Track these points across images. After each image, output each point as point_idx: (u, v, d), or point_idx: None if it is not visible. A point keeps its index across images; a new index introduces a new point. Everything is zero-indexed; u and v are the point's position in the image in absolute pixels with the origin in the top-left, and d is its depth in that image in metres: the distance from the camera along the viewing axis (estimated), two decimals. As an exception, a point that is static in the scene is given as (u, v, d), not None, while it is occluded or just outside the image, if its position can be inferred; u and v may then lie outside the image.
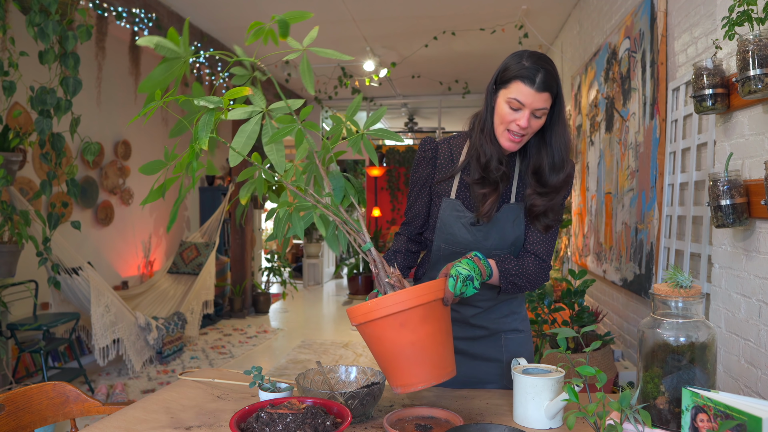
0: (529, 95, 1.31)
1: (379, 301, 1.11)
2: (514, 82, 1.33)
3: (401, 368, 1.14)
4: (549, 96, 1.33)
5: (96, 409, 1.56)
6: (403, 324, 1.11)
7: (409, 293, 1.11)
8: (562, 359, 2.72)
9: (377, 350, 1.16)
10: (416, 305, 1.11)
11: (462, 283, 1.23)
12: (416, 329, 1.12)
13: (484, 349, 1.55)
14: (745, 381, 1.78)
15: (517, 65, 1.33)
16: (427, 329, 1.13)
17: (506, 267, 1.42)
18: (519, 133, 1.36)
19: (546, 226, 1.46)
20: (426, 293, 1.13)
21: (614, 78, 3.55)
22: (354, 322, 1.16)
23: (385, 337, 1.13)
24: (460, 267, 1.26)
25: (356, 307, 1.15)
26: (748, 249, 1.76)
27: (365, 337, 1.17)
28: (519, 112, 1.34)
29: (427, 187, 1.54)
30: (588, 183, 4.32)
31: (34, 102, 3.10)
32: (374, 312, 1.11)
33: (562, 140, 1.41)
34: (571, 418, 0.95)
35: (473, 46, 5.83)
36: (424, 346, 1.13)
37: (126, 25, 4.14)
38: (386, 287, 1.17)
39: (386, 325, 1.12)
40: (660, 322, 1.10)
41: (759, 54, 1.50)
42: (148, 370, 4.56)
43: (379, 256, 1.18)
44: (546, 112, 1.35)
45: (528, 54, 1.35)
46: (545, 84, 1.31)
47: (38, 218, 3.42)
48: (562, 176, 1.42)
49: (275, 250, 8.00)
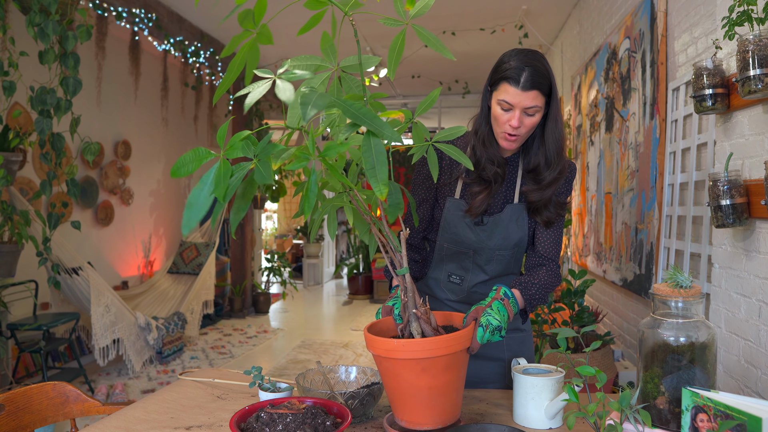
0: (516, 95, 1.31)
1: (406, 344, 1.09)
2: (501, 84, 1.34)
3: (412, 407, 1.13)
4: (538, 93, 1.32)
5: (96, 409, 1.56)
6: (425, 369, 1.10)
7: (439, 342, 1.10)
8: (562, 359, 2.72)
9: (391, 384, 1.15)
10: (443, 354, 1.10)
11: (491, 333, 1.23)
12: (437, 376, 1.11)
13: (485, 348, 1.54)
14: (745, 381, 1.77)
15: (504, 66, 1.34)
16: (448, 377, 1.12)
17: (530, 293, 1.42)
18: (513, 132, 1.36)
19: (547, 220, 1.46)
20: (455, 343, 1.12)
21: (614, 78, 3.55)
22: (372, 351, 1.14)
23: (403, 377, 1.11)
24: (491, 317, 1.25)
25: (379, 340, 1.12)
26: (748, 249, 1.76)
27: (380, 366, 1.16)
28: (510, 112, 1.34)
29: (431, 190, 1.54)
30: (588, 183, 4.32)
31: (34, 102, 3.10)
32: (398, 352, 1.09)
33: (554, 137, 1.41)
34: (571, 418, 0.95)
35: (473, 46, 5.83)
36: (440, 393, 1.12)
37: (126, 25, 4.14)
38: (411, 317, 1.15)
39: (408, 367, 1.10)
40: (660, 322, 1.10)
41: (759, 54, 1.50)
42: (148, 370, 4.56)
43: (412, 283, 1.16)
44: (539, 109, 1.35)
45: (515, 53, 1.35)
46: (531, 82, 1.30)
47: (38, 218, 3.42)
48: (554, 172, 1.42)
49: (275, 250, 8.00)
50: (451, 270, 1.53)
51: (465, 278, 1.51)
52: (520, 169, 1.49)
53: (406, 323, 1.17)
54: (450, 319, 1.28)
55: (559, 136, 1.41)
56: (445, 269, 1.54)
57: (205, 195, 0.84)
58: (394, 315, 1.27)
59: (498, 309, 1.27)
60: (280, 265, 7.37)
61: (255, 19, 0.85)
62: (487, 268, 1.50)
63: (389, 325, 1.27)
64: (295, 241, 10.58)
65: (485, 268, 1.50)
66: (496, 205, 1.48)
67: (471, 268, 1.51)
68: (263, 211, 9.02)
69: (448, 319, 1.28)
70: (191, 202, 0.83)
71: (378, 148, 0.85)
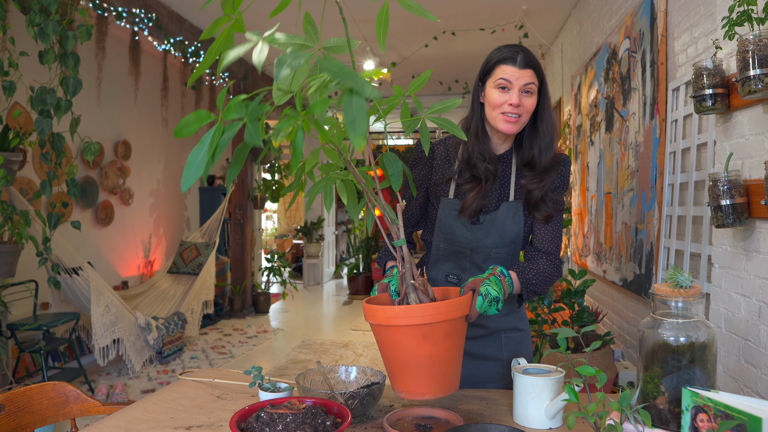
0: (515, 72, 1.37)
1: (407, 310, 1.09)
2: (497, 67, 1.40)
3: (412, 376, 1.14)
4: (533, 73, 1.39)
5: (96, 409, 1.56)
6: (426, 336, 1.10)
7: (440, 307, 1.10)
8: (562, 359, 2.72)
9: (390, 354, 1.15)
10: (443, 320, 1.10)
11: (488, 302, 1.25)
12: (438, 342, 1.11)
13: (483, 348, 1.55)
14: (745, 381, 1.77)
15: (496, 53, 1.42)
16: (448, 344, 1.13)
17: (527, 277, 1.44)
18: (513, 113, 1.39)
19: (546, 215, 1.47)
20: (455, 309, 1.12)
21: (614, 78, 3.55)
22: (372, 320, 1.14)
23: (404, 345, 1.12)
24: (490, 287, 1.26)
25: (379, 308, 1.12)
26: (748, 249, 1.76)
27: (379, 337, 1.16)
28: (508, 92, 1.39)
29: (423, 189, 1.55)
30: (588, 183, 4.32)
31: (34, 102, 3.10)
32: (399, 318, 1.09)
33: (548, 123, 1.45)
34: (571, 418, 0.95)
35: (473, 46, 5.83)
36: (441, 360, 1.13)
37: (126, 25, 4.14)
38: (409, 288, 1.16)
39: (408, 334, 1.10)
40: (660, 322, 1.10)
41: (759, 54, 1.50)
42: (148, 370, 4.56)
43: (409, 255, 1.17)
44: (535, 89, 1.40)
45: (503, 45, 1.43)
46: (526, 61, 1.38)
47: (38, 218, 3.42)
48: (550, 155, 1.45)
49: (275, 250, 7.99)
50: (449, 270, 1.53)
51: (463, 277, 1.52)
52: (513, 165, 1.50)
53: (402, 297, 1.18)
54: (446, 293, 1.29)
55: (552, 124, 1.45)
56: (442, 269, 1.54)
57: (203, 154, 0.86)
58: (390, 291, 1.28)
59: (495, 282, 1.29)
60: (280, 265, 7.37)
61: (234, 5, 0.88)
62: (485, 267, 1.50)
63: (385, 300, 1.28)
64: (295, 241, 10.58)
65: (482, 267, 1.50)
66: (492, 203, 1.49)
67: (468, 267, 1.51)
68: (263, 211, 9.02)
69: (444, 293, 1.29)
70: (190, 161, 0.85)
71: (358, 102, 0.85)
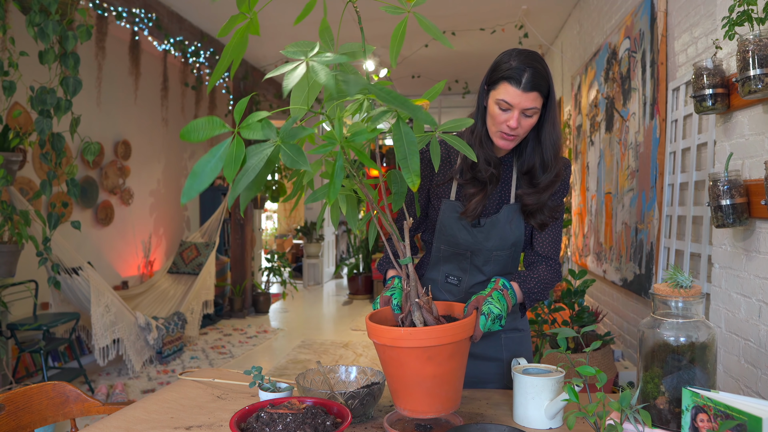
0: (516, 96, 1.31)
1: (413, 332, 1.10)
2: (501, 84, 1.33)
3: (415, 395, 1.14)
4: (537, 95, 1.32)
5: (96, 409, 1.56)
6: (431, 357, 1.11)
7: (446, 330, 1.11)
8: (562, 359, 2.72)
9: (394, 372, 1.15)
10: (448, 342, 1.11)
11: (492, 321, 1.26)
12: (442, 364, 1.12)
13: (483, 348, 1.55)
14: (745, 381, 1.77)
15: (504, 65, 1.33)
16: (452, 365, 1.14)
17: (529, 287, 1.45)
18: (510, 133, 1.36)
19: (541, 223, 1.46)
20: (460, 331, 1.13)
21: (614, 78, 3.55)
22: (377, 340, 1.15)
23: (408, 365, 1.12)
24: (492, 305, 1.27)
25: (384, 329, 1.12)
26: (748, 249, 1.76)
27: (383, 356, 1.16)
28: (508, 112, 1.34)
29: (423, 191, 1.54)
30: (588, 183, 4.32)
31: (34, 102, 3.10)
32: (404, 340, 1.10)
33: (551, 139, 1.40)
34: (571, 418, 0.95)
35: (473, 46, 5.83)
36: (444, 381, 1.14)
37: (126, 25, 4.14)
38: (414, 306, 1.16)
39: (413, 355, 1.11)
40: (660, 322, 1.10)
41: (759, 54, 1.50)
42: (148, 370, 4.55)
43: (414, 273, 1.17)
44: (537, 111, 1.34)
45: (516, 53, 1.34)
46: (532, 84, 1.30)
47: (38, 218, 3.42)
48: (551, 175, 1.42)
49: (275, 250, 7.99)
50: (449, 271, 1.53)
51: (463, 279, 1.51)
52: (514, 169, 1.49)
53: (406, 313, 1.18)
54: (450, 310, 1.30)
55: (556, 139, 1.41)
56: (442, 270, 1.54)
57: (212, 167, 0.81)
58: (392, 305, 1.28)
59: (498, 298, 1.30)
60: (280, 265, 7.36)
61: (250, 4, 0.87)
62: (485, 269, 1.50)
63: (389, 314, 1.28)
64: (295, 241, 10.57)
65: (483, 269, 1.50)
66: (492, 206, 1.48)
67: (468, 269, 1.51)
68: (263, 211, 9.02)
69: (448, 309, 1.30)
70: (196, 171, 0.80)
71: (409, 138, 0.85)
